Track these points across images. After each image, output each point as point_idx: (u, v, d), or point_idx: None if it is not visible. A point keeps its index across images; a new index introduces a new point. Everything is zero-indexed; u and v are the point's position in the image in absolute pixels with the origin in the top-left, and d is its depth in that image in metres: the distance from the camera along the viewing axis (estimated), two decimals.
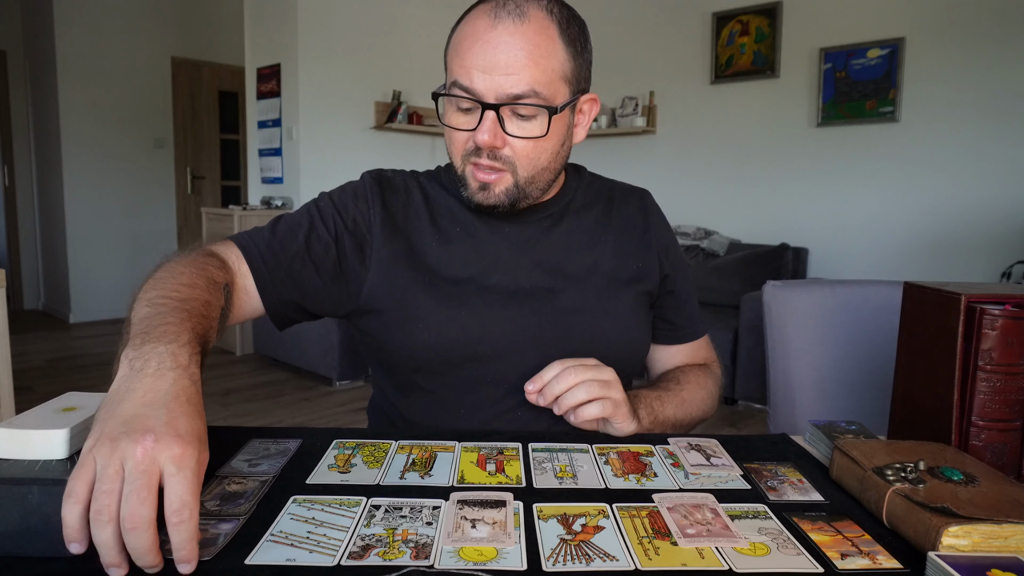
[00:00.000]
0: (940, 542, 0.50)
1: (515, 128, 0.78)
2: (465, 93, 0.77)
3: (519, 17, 0.75)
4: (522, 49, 0.75)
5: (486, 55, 0.75)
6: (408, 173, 0.95)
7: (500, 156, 0.79)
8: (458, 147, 0.81)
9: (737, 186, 4.29)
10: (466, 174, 0.82)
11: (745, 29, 4.19)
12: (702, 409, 0.94)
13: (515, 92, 0.75)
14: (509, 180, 0.81)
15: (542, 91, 0.76)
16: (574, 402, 0.74)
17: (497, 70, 0.75)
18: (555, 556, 0.51)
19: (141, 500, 0.44)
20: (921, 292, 0.74)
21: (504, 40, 0.75)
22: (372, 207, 0.88)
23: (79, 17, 5.10)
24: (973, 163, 3.44)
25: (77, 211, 5.20)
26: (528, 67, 0.75)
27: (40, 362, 4.12)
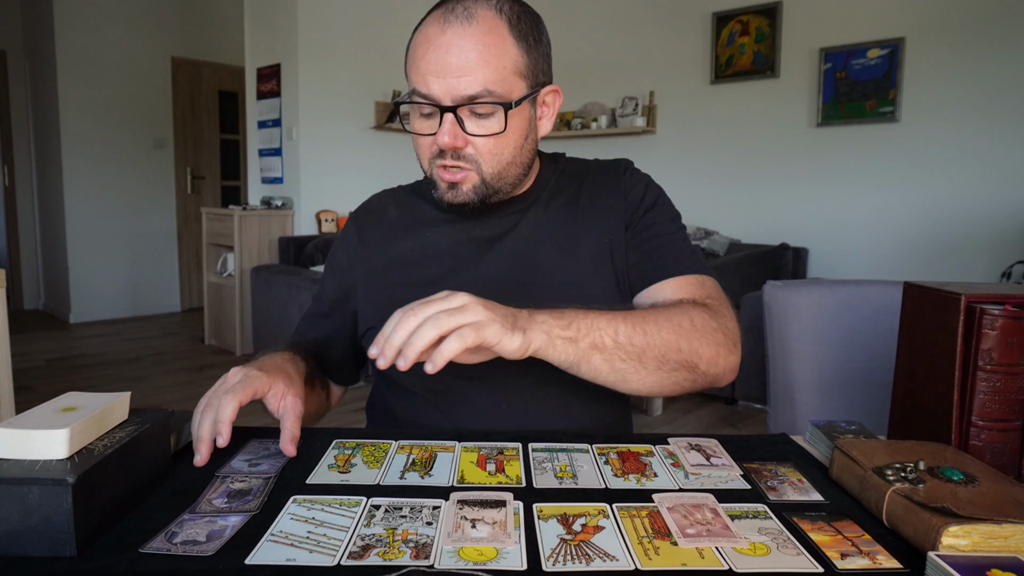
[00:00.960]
0: (940, 542, 0.50)
1: (475, 127, 0.80)
2: (423, 99, 0.79)
3: (467, 19, 0.77)
4: (472, 50, 0.77)
5: (438, 59, 0.77)
6: (386, 191, 1.02)
7: (464, 155, 0.81)
8: (424, 152, 0.84)
9: (737, 186, 4.29)
10: (435, 176, 0.84)
11: (745, 29, 4.18)
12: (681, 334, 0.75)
13: (470, 93, 0.77)
14: (475, 178, 0.83)
15: (496, 89, 0.78)
16: (422, 344, 0.61)
17: (450, 73, 0.77)
18: (555, 556, 0.51)
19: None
20: (921, 292, 0.74)
21: (454, 43, 0.76)
22: (352, 249, 0.97)
23: (79, 17, 5.10)
24: (973, 163, 3.44)
25: (77, 211, 5.20)
26: (480, 67, 0.77)
27: (40, 362, 4.12)
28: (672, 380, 0.75)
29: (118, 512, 0.55)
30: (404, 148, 4.81)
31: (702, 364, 0.76)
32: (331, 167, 4.48)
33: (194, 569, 0.48)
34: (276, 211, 4.38)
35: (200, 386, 3.62)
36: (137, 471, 0.58)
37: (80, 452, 0.53)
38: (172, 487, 0.62)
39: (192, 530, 0.53)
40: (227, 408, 0.67)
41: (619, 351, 0.71)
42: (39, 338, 4.74)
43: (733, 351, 0.79)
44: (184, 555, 0.50)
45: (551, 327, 0.68)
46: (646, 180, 0.95)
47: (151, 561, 0.49)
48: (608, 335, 0.71)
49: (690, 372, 0.76)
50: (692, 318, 0.76)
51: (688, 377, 0.76)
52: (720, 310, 0.82)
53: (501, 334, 0.64)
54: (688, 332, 0.75)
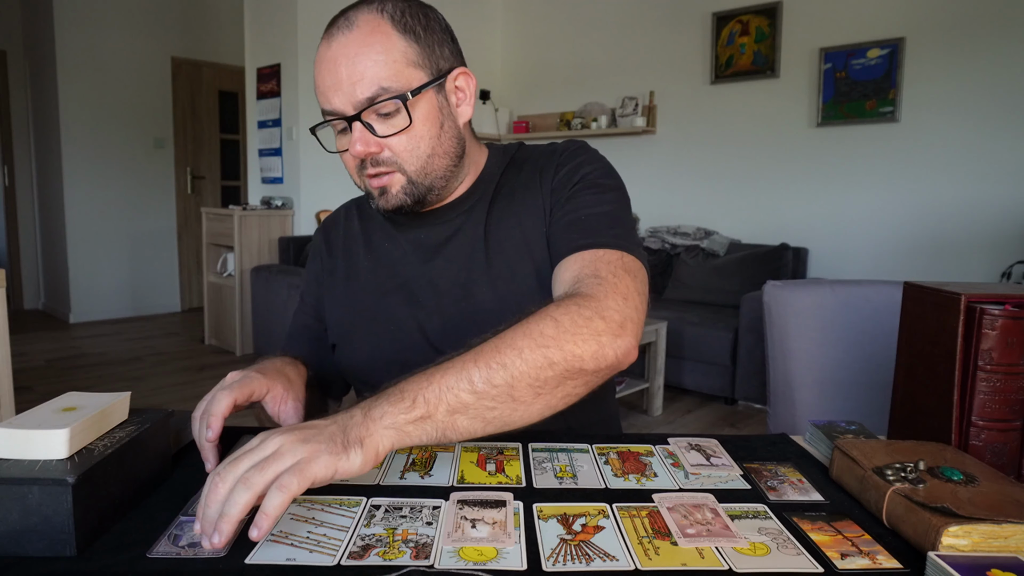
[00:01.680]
0: (940, 542, 0.50)
1: (384, 128, 0.79)
2: (330, 115, 0.80)
3: (348, 28, 0.78)
4: (357, 54, 0.77)
5: (331, 74, 0.77)
6: (353, 200, 1.03)
7: (382, 160, 0.81)
8: (350, 167, 0.84)
9: (737, 186, 4.29)
10: (366, 187, 0.85)
11: (745, 29, 4.18)
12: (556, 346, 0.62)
13: (366, 95, 0.77)
14: (401, 179, 0.82)
15: (390, 85, 0.77)
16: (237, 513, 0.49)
17: (344, 83, 0.77)
18: (555, 556, 0.51)
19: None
20: (921, 292, 0.74)
21: (340, 53, 0.77)
22: (320, 258, 0.99)
23: (79, 17, 5.10)
24: (973, 163, 3.44)
25: (77, 211, 5.20)
26: (369, 68, 0.77)
27: (40, 362, 4.12)
28: (561, 395, 0.64)
29: (118, 512, 0.55)
30: None
31: (587, 363, 0.64)
32: (331, 167, 4.47)
33: (195, 568, 0.48)
34: (276, 211, 4.38)
35: (200, 386, 3.62)
36: (137, 471, 0.58)
37: (80, 452, 0.53)
38: (172, 487, 0.62)
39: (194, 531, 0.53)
40: (221, 403, 0.65)
41: (484, 400, 0.60)
42: (39, 338, 4.74)
43: (620, 334, 0.66)
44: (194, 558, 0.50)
45: (395, 417, 0.57)
46: (582, 155, 0.87)
47: (151, 561, 0.49)
48: (464, 390, 0.59)
49: (577, 377, 0.64)
50: (556, 320, 0.64)
51: (579, 383, 0.65)
52: (597, 293, 0.69)
53: (333, 462, 0.53)
54: (554, 338, 0.63)
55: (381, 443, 0.56)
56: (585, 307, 0.66)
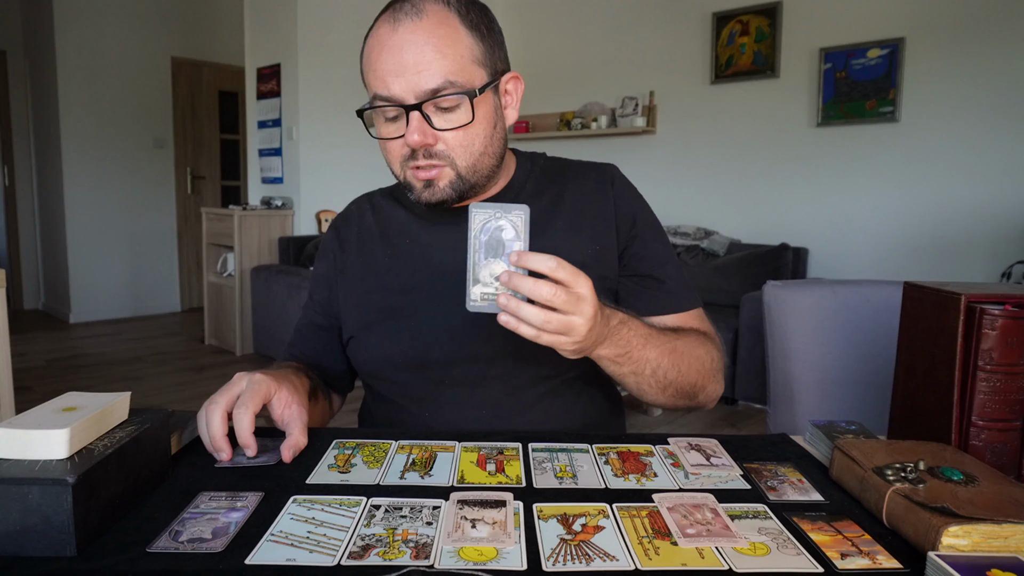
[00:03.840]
0: (940, 542, 0.50)
1: (441, 121, 0.79)
2: (385, 101, 0.78)
3: (417, 15, 0.76)
4: (427, 43, 0.76)
5: (394, 59, 0.76)
6: (365, 196, 1.01)
7: (435, 152, 0.80)
8: (395, 156, 0.82)
9: (737, 186, 4.29)
10: (408, 178, 0.83)
11: (745, 29, 4.18)
12: (697, 369, 0.84)
13: (431, 87, 0.76)
14: (451, 173, 0.82)
15: (457, 79, 0.77)
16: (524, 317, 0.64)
17: (408, 70, 0.76)
18: (555, 556, 0.51)
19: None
20: (921, 292, 0.74)
21: (407, 40, 0.76)
22: (334, 257, 0.97)
23: (79, 17, 5.10)
24: (973, 163, 3.44)
25: (77, 211, 5.20)
26: (437, 59, 0.76)
27: (40, 362, 4.12)
28: (672, 404, 0.86)
29: (118, 512, 0.55)
30: None
31: (701, 397, 0.87)
32: (331, 167, 4.48)
33: (195, 568, 0.48)
34: (276, 211, 4.38)
35: (200, 386, 3.62)
36: (137, 471, 0.58)
37: (80, 452, 0.53)
38: (172, 487, 0.62)
39: (196, 528, 0.54)
40: (243, 423, 0.67)
41: (651, 379, 0.80)
42: (39, 338, 4.74)
43: (722, 383, 0.91)
44: (191, 553, 0.50)
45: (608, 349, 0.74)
46: (634, 193, 0.95)
47: (152, 561, 0.49)
48: (650, 367, 0.79)
49: (689, 400, 0.86)
50: (712, 358, 0.87)
51: (684, 403, 0.87)
52: (716, 341, 0.91)
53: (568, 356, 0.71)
54: (706, 371, 0.85)
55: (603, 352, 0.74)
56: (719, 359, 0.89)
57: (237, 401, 0.69)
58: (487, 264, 0.66)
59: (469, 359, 0.85)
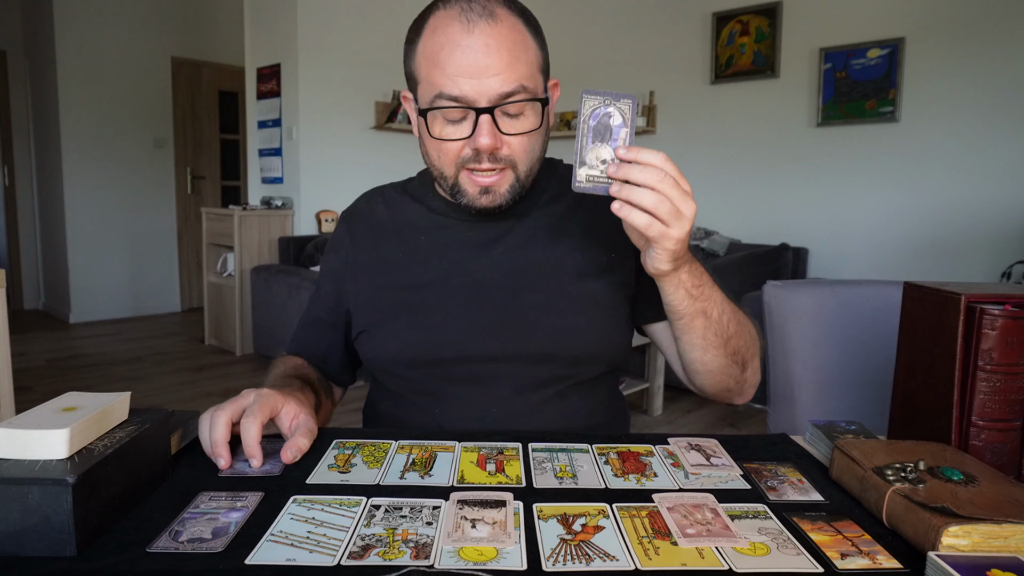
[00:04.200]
0: (940, 542, 0.50)
1: (509, 126, 0.79)
2: (452, 101, 0.77)
3: (490, 17, 0.76)
4: (503, 47, 0.76)
5: (469, 60, 0.75)
6: (375, 189, 1.00)
7: (499, 157, 0.80)
8: (451, 158, 0.81)
9: (737, 186, 4.29)
10: (461, 182, 0.82)
11: (745, 29, 4.18)
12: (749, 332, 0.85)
13: (505, 91, 0.76)
14: (511, 177, 0.82)
15: (528, 85, 0.78)
16: (637, 200, 0.66)
17: (484, 73, 0.75)
18: (555, 556, 0.51)
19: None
20: (921, 292, 0.74)
21: (483, 42, 0.75)
22: (344, 251, 0.95)
23: (79, 17, 5.10)
24: (973, 163, 3.44)
25: (77, 211, 5.20)
26: (512, 64, 0.76)
27: (40, 362, 4.12)
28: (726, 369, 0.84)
29: (118, 512, 0.55)
30: (404, 148, 4.81)
31: (748, 372, 0.86)
32: (331, 167, 4.48)
33: (194, 569, 0.48)
34: (276, 211, 4.38)
35: (200, 386, 3.62)
36: (137, 471, 0.58)
37: (80, 452, 0.53)
38: (172, 487, 0.62)
39: (196, 528, 0.54)
40: (251, 432, 0.67)
41: (716, 324, 0.80)
42: (39, 338, 4.74)
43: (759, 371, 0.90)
44: (191, 553, 0.50)
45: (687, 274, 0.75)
46: None
47: (152, 561, 0.49)
48: (717, 309, 0.79)
49: (740, 370, 0.85)
50: (755, 331, 0.88)
51: (735, 375, 0.85)
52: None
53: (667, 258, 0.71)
54: (754, 340, 0.86)
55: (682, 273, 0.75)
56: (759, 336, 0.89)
57: (244, 412, 0.69)
58: (594, 148, 0.67)
59: (479, 358, 0.85)
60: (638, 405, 3.40)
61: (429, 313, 0.86)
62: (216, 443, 0.66)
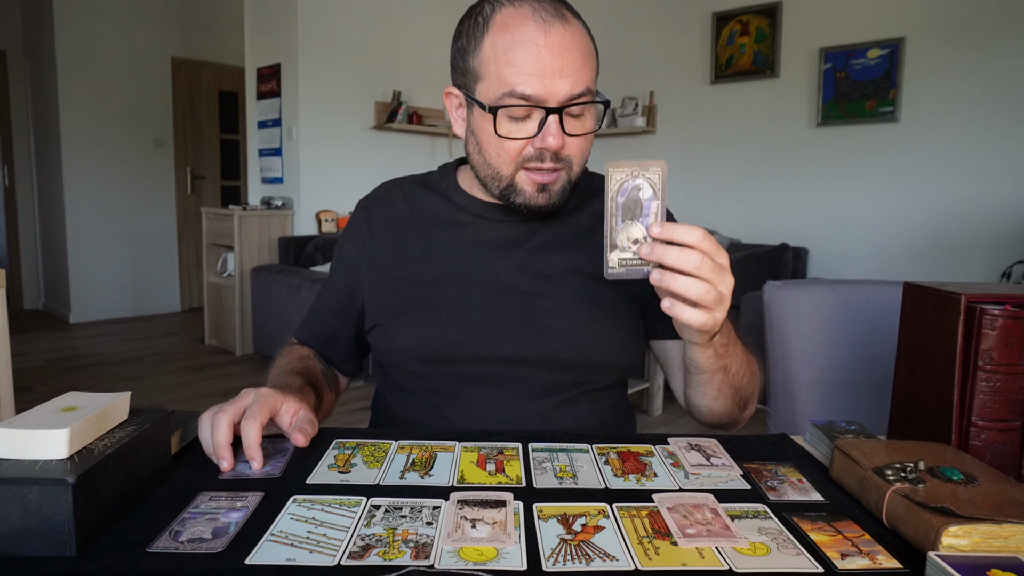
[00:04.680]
0: (940, 542, 0.50)
1: (572, 127, 0.80)
2: (523, 100, 0.77)
3: (563, 20, 0.77)
4: (576, 50, 0.77)
5: (544, 59, 0.76)
6: (393, 181, 0.99)
7: (560, 156, 0.81)
8: (511, 156, 0.81)
9: (737, 186, 4.29)
10: (518, 181, 0.82)
11: (745, 29, 4.19)
12: (756, 375, 0.86)
13: (574, 93, 0.77)
14: (564, 178, 0.83)
15: (592, 88, 0.80)
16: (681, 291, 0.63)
17: (558, 74, 0.76)
18: (555, 556, 0.51)
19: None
20: (921, 292, 0.74)
21: (559, 44, 0.76)
22: (361, 240, 0.94)
23: (79, 16, 5.10)
24: (973, 163, 3.44)
25: (77, 211, 5.20)
26: (582, 68, 0.78)
27: (40, 362, 4.12)
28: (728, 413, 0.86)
29: (118, 512, 0.55)
30: (404, 148, 4.81)
31: (747, 411, 0.89)
32: (331, 167, 4.48)
33: (194, 568, 0.48)
34: (276, 211, 4.38)
35: (200, 386, 3.62)
36: (137, 471, 0.58)
37: (80, 452, 0.53)
38: (172, 487, 0.62)
39: (196, 528, 0.54)
40: (252, 433, 0.66)
41: (734, 377, 0.81)
42: (39, 338, 4.74)
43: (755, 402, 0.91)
44: (191, 553, 0.50)
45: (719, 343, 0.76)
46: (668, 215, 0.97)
47: (152, 561, 0.49)
48: (735, 364, 0.80)
49: (740, 410, 0.87)
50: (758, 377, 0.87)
51: (735, 414, 0.87)
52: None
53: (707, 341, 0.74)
54: (757, 382, 0.87)
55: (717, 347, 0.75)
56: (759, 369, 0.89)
57: (244, 413, 0.68)
58: (624, 227, 0.64)
59: (494, 359, 0.85)
60: (638, 405, 3.40)
61: (446, 310, 0.86)
62: (219, 446, 0.65)
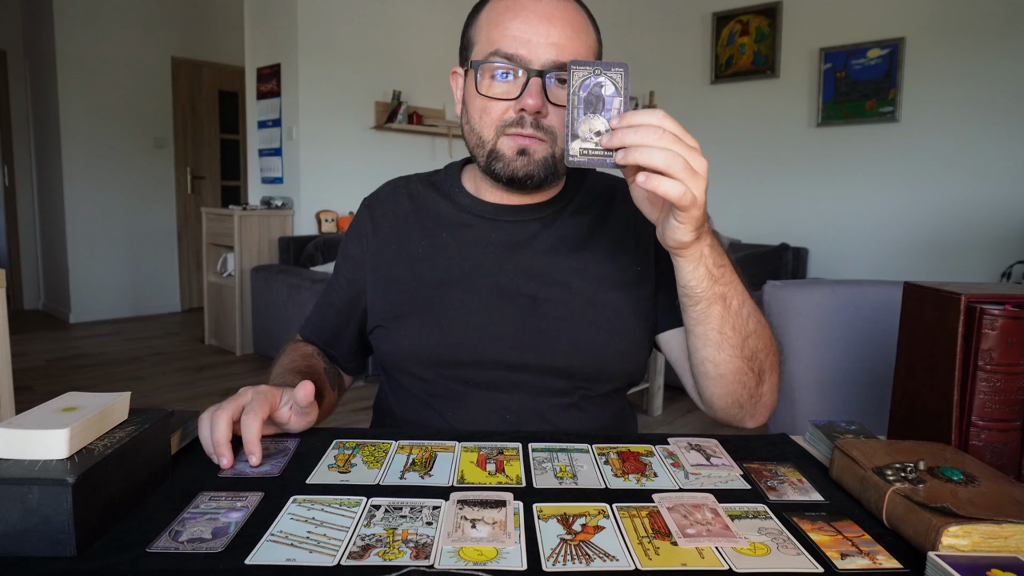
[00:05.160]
0: (940, 542, 0.50)
1: (557, 97, 0.80)
2: (508, 61, 0.79)
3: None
4: (567, 23, 0.79)
5: (531, 25, 0.78)
6: (398, 179, 0.99)
7: (541, 125, 0.81)
8: (493, 119, 0.82)
9: (737, 186, 4.29)
10: (499, 146, 0.82)
11: (745, 29, 4.19)
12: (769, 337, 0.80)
13: (560, 61, 0.78)
14: (547, 149, 0.82)
15: None
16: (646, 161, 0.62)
17: (544, 39, 0.78)
18: (555, 556, 0.51)
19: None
20: (921, 292, 0.74)
21: (549, 12, 0.78)
22: (365, 239, 0.94)
23: (79, 17, 5.10)
24: (973, 163, 3.45)
25: (77, 211, 5.20)
26: (573, 39, 0.79)
27: (40, 362, 4.12)
28: (742, 381, 0.78)
29: (118, 512, 0.55)
30: (404, 148, 4.81)
31: (765, 386, 0.80)
32: (331, 167, 4.48)
33: (194, 568, 0.48)
34: (276, 211, 4.38)
35: (200, 386, 3.62)
36: (137, 471, 0.58)
37: (80, 452, 0.53)
38: (172, 487, 0.62)
39: (196, 528, 0.54)
40: (252, 429, 0.66)
41: (736, 317, 0.75)
42: (39, 338, 4.74)
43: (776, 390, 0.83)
44: (191, 553, 0.50)
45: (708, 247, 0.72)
46: None
47: (152, 561, 0.49)
48: (737, 298, 0.75)
49: (757, 379, 0.79)
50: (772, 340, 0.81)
51: (751, 384, 0.79)
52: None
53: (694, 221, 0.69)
54: (773, 347, 0.81)
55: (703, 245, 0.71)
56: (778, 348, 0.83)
57: (244, 410, 0.68)
58: (586, 120, 0.64)
59: (496, 364, 0.84)
60: (638, 405, 3.40)
61: (448, 312, 0.85)
62: (218, 443, 0.65)
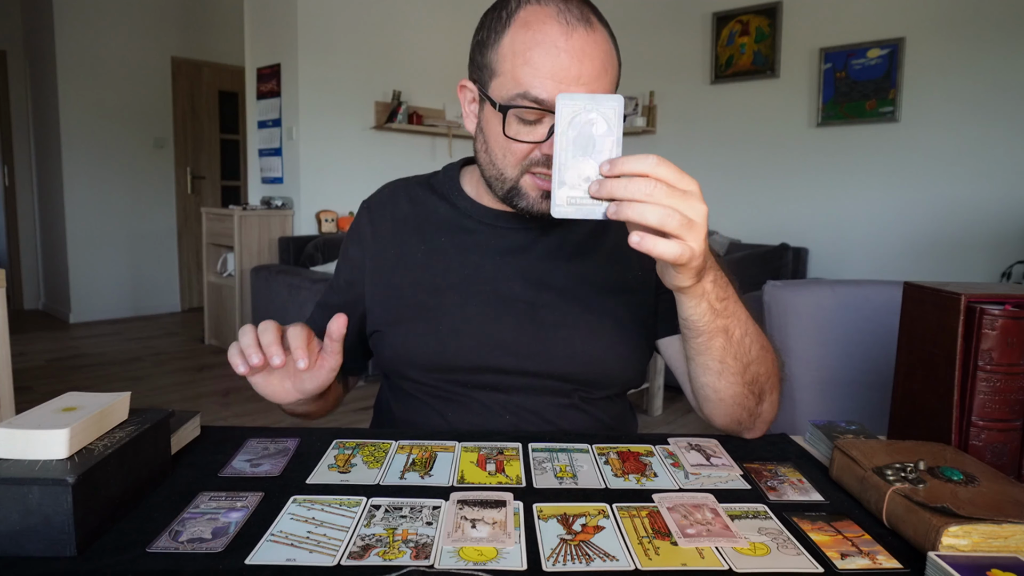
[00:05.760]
0: (940, 542, 0.50)
1: None
2: (537, 104, 0.74)
3: (588, 25, 0.75)
4: (597, 57, 0.74)
5: (563, 64, 0.73)
6: (398, 181, 0.98)
7: None
8: (517, 158, 0.78)
9: (737, 186, 4.29)
10: (523, 184, 0.80)
11: (745, 29, 4.19)
12: (772, 360, 0.78)
13: None
14: None
15: None
16: (638, 219, 0.58)
17: (576, 80, 0.73)
18: (555, 556, 0.51)
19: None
20: (921, 292, 0.74)
21: (580, 49, 0.73)
22: (364, 242, 0.93)
23: (79, 17, 5.10)
24: (973, 163, 3.44)
25: (77, 211, 5.20)
26: (600, 76, 0.75)
27: (40, 362, 4.12)
28: (742, 404, 0.76)
29: (118, 512, 0.55)
30: (404, 148, 4.81)
31: (765, 404, 0.78)
32: (331, 167, 4.47)
33: (195, 568, 0.48)
34: (276, 211, 4.38)
35: (200, 386, 3.62)
36: (137, 471, 0.58)
37: (80, 452, 0.53)
38: (172, 487, 0.62)
39: (196, 527, 0.54)
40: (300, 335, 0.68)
41: (738, 346, 0.72)
42: (39, 338, 4.74)
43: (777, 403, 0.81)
44: (191, 553, 0.50)
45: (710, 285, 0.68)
46: None
47: (152, 561, 0.49)
48: (740, 328, 0.72)
49: (757, 401, 0.77)
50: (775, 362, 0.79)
51: (751, 406, 0.77)
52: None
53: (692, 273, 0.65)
54: (774, 368, 0.78)
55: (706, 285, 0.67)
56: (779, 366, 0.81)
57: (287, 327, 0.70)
58: (575, 164, 0.59)
59: (494, 370, 0.84)
60: (638, 405, 3.40)
61: (446, 319, 0.85)
62: (268, 344, 0.66)
